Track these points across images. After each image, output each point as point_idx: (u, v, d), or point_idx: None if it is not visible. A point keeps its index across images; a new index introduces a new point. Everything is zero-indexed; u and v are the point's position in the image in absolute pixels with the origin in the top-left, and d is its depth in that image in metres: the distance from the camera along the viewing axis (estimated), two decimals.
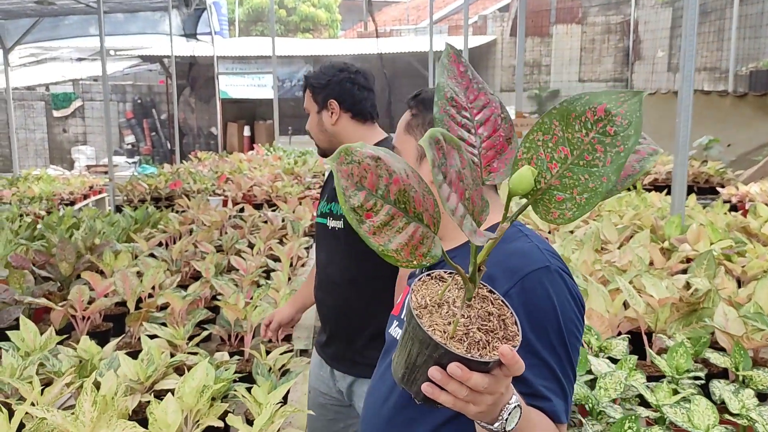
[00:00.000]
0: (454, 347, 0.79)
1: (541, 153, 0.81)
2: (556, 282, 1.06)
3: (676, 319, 2.18)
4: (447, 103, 0.90)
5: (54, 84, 16.39)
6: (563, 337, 1.04)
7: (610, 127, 0.76)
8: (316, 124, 2.09)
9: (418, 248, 0.79)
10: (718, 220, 3.82)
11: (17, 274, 3.13)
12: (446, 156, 0.78)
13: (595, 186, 0.77)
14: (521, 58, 6.98)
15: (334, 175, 0.78)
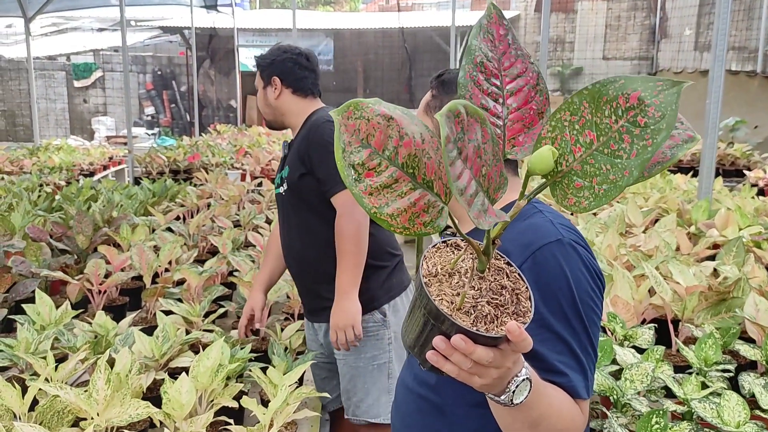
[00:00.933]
0: (459, 319, 0.77)
1: (567, 134, 0.77)
2: (569, 254, 1.02)
3: (705, 308, 2.11)
4: (475, 68, 0.84)
5: (75, 54, 16.40)
6: (578, 311, 1.00)
7: (641, 118, 0.71)
8: (262, 98, 2.34)
9: (419, 216, 0.75)
10: (746, 205, 3.72)
11: (34, 246, 3.12)
12: (466, 130, 0.72)
13: (615, 178, 0.73)
14: (546, 35, 6.82)
15: (335, 128, 0.74)
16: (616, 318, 2.02)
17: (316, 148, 2.10)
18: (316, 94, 2.32)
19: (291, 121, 2.30)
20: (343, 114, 0.74)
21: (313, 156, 2.11)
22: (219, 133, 10.57)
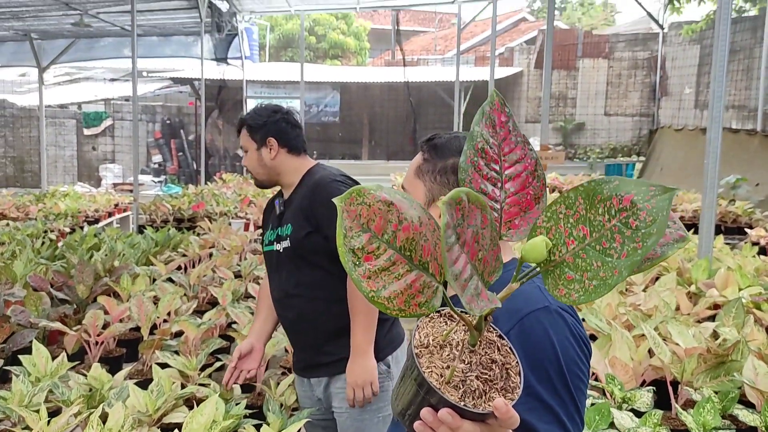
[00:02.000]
0: (448, 393, 0.77)
1: (561, 226, 0.78)
2: (556, 322, 1.03)
3: (703, 370, 2.10)
4: (476, 154, 0.87)
5: (86, 103, 16.70)
6: (565, 379, 1.00)
7: (633, 220, 0.73)
8: (256, 160, 2.31)
9: (415, 297, 0.77)
10: (746, 264, 3.71)
11: (35, 296, 3.13)
12: (466, 216, 0.74)
13: (605, 276, 0.74)
14: (547, 91, 6.95)
15: (338, 215, 0.76)
16: (614, 380, 2.01)
17: (324, 206, 2.10)
18: (306, 152, 2.36)
19: (287, 179, 2.30)
20: (345, 201, 0.76)
21: (322, 214, 2.10)
22: (224, 182, 10.67)
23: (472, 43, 22.35)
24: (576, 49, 15.94)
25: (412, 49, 25.08)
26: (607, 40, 16.25)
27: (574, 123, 15.95)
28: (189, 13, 11.39)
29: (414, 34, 28.22)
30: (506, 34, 23.21)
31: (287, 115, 2.32)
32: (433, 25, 26.98)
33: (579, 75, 15.98)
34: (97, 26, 11.82)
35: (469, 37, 22.15)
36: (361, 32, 25.15)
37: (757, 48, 11.58)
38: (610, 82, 15.92)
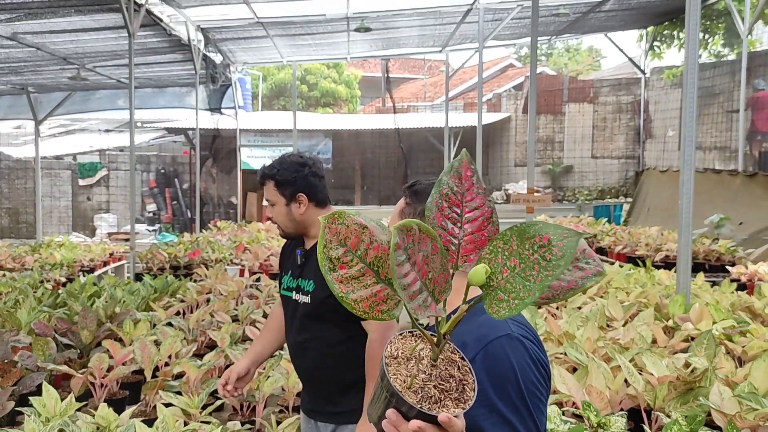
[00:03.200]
0: (407, 396, 0.92)
1: (499, 258, 0.95)
2: (516, 348, 1.16)
3: (674, 397, 2.25)
4: (441, 198, 1.04)
5: (81, 154, 16.93)
6: (524, 398, 1.13)
7: (548, 254, 0.91)
8: (285, 214, 2.30)
9: (379, 305, 0.95)
10: (723, 300, 3.88)
11: (41, 342, 3.26)
12: (416, 242, 0.92)
13: (524, 296, 0.92)
14: (532, 137, 7.19)
15: (321, 229, 0.94)
16: (590, 406, 2.15)
17: None
18: (329, 200, 2.36)
19: (314, 232, 2.31)
20: (329, 220, 0.95)
21: None
22: (219, 230, 10.82)
23: (460, 90, 22.84)
24: (562, 94, 16.37)
25: (402, 96, 25.60)
26: (591, 85, 16.72)
27: (563, 166, 16.28)
28: (184, 66, 11.72)
29: (404, 81, 28.81)
30: (494, 80, 23.75)
31: (314, 167, 2.31)
32: (423, 72, 27.59)
33: (565, 119, 16.38)
34: (93, 79, 12.13)
35: (458, 83, 22.67)
36: (352, 80, 25.66)
37: (736, 91, 11.96)
38: (595, 126, 16.32)
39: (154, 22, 8.90)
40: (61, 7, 7.62)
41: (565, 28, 12.61)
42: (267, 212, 2.37)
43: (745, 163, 11.27)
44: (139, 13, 7.74)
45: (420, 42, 13.09)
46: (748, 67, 11.32)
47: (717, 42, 13.66)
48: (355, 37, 11.52)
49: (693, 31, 3.91)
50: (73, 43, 9.57)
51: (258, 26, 10.34)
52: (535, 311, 3.47)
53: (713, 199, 10.51)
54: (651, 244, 7.81)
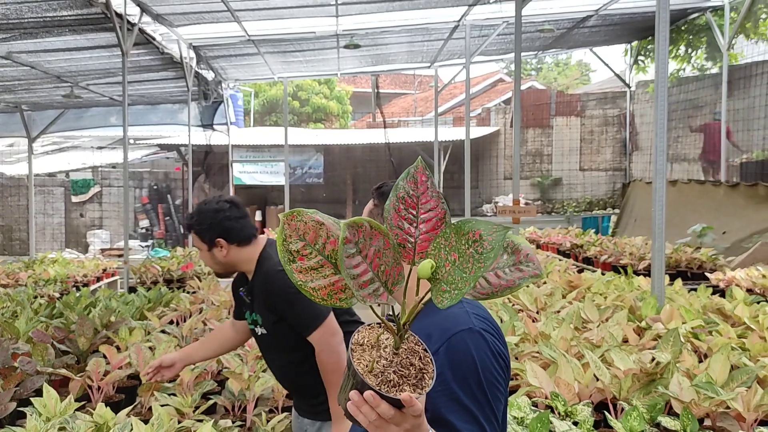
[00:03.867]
0: (368, 378, 1.01)
1: (443, 254, 1.05)
2: (477, 341, 1.26)
3: (638, 388, 2.40)
4: (398, 201, 1.13)
5: (74, 171, 17.05)
6: (483, 388, 1.22)
7: (480, 248, 1.01)
8: (210, 259, 2.46)
9: (337, 293, 1.05)
10: (696, 303, 4.05)
11: (40, 348, 3.39)
12: (367, 237, 1.03)
13: (461, 287, 1.02)
14: (518, 150, 7.39)
15: (279, 226, 1.04)
16: (558, 396, 2.31)
17: (279, 299, 2.32)
18: (256, 234, 2.47)
19: (244, 268, 2.46)
20: (287, 217, 1.04)
21: (279, 306, 2.33)
22: None
23: (450, 105, 23.11)
24: (549, 108, 16.63)
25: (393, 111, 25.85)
26: (578, 98, 16.99)
27: (551, 178, 16.51)
28: (176, 83, 11.89)
29: (395, 96, 29.10)
30: (484, 94, 24.05)
31: (230, 210, 2.41)
32: (413, 87, 27.89)
33: (553, 132, 16.63)
34: (87, 97, 12.29)
35: (448, 98, 22.94)
36: (343, 96, 25.92)
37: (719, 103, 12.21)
38: (583, 139, 16.57)
39: (146, 41, 9.09)
40: (55, 26, 7.79)
41: (551, 44, 12.88)
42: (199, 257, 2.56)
43: (727, 173, 11.51)
44: (132, 32, 7.92)
45: (409, 58, 13.32)
46: (729, 80, 11.60)
47: (701, 56, 13.93)
48: (345, 54, 11.74)
49: (662, 48, 4.11)
50: (67, 62, 9.74)
51: (249, 44, 10.55)
52: (514, 314, 3.63)
53: (698, 209, 10.73)
54: (635, 253, 7.99)
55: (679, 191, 11.56)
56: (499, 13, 10.09)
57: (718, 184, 10.80)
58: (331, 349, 2.28)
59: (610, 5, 10.23)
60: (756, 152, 11.50)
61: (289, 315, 2.32)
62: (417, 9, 9.52)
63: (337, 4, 8.66)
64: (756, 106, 11.79)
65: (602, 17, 11.12)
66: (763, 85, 11.74)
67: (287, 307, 2.31)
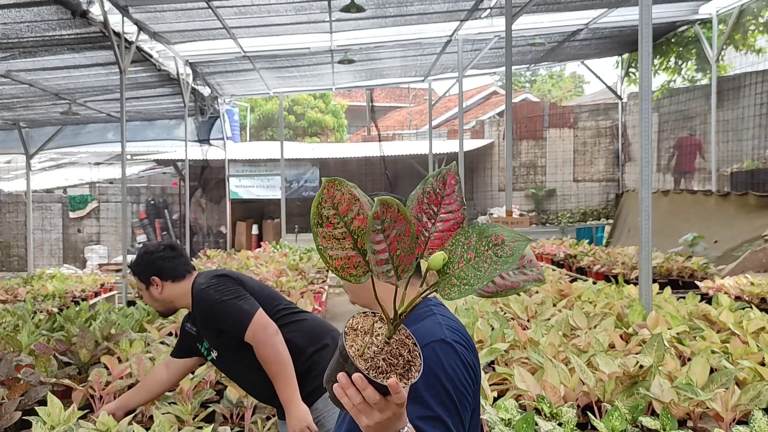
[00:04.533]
0: (358, 362, 1.06)
1: (459, 250, 1.10)
2: (448, 351, 1.31)
3: (621, 390, 2.50)
4: (423, 194, 1.17)
5: (72, 187, 17.14)
6: (452, 396, 1.27)
7: (500, 252, 1.07)
8: (149, 297, 2.71)
9: (349, 268, 1.10)
10: (683, 309, 4.15)
11: (42, 359, 3.47)
12: (394, 219, 1.07)
13: (473, 283, 1.07)
14: (509, 162, 7.52)
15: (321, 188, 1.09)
16: (543, 398, 2.41)
17: (209, 313, 2.53)
18: (191, 270, 2.69)
19: (182, 304, 2.68)
20: (329, 183, 1.08)
21: (212, 320, 2.54)
22: (209, 258, 11.01)
23: (445, 118, 23.28)
24: (542, 120, 16.81)
25: (388, 124, 26.03)
26: (571, 110, 17.18)
27: (545, 190, 16.65)
28: (173, 99, 12.03)
29: (390, 109, 29.30)
30: (478, 107, 24.25)
31: (164, 251, 2.67)
32: (408, 101, 28.09)
33: (546, 144, 16.80)
34: (84, 113, 12.40)
35: (443, 111, 23.13)
36: (338, 110, 26.11)
37: (709, 114, 12.38)
38: (576, 150, 16.74)
39: (144, 58, 9.22)
40: (54, 45, 7.92)
41: (543, 57, 13.06)
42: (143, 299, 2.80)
43: (718, 183, 11.65)
44: (129, 50, 8.05)
45: (403, 72, 13.50)
46: (719, 91, 11.78)
47: (691, 68, 14.11)
48: (340, 69, 11.89)
49: (645, 62, 4.24)
50: (65, 80, 9.87)
51: (245, 60, 10.70)
52: (504, 322, 3.73)
53: (689, 219, 10.87)
54: (627, 263, 8.09)
55: (671, 201, 11.70)
56: (490, 27, 10.27)
57: (710, 193, 10.94)
58: (266, 342, 2.44)
59: (599, 19, 10.41)
60: (746, 162, 11.66)
61: (222, 324, 2.51)
62: (410, 24, 9.69)
63: (331, 21, 8.82)
64: (745, 116, 11.97)
65: (592, 31, 11.31)
66: (753, 95, 11.93)
67: (218, 317, 2.51)
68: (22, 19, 6.82)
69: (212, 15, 8.01)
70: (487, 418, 2.38)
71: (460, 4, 8.85)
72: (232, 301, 2.51)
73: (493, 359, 3.20)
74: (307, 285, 7.20)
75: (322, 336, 2.65)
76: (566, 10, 9.84)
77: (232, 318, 2.48)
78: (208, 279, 2.59)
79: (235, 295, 2.53)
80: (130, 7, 7.56)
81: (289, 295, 6.07)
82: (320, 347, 2.61)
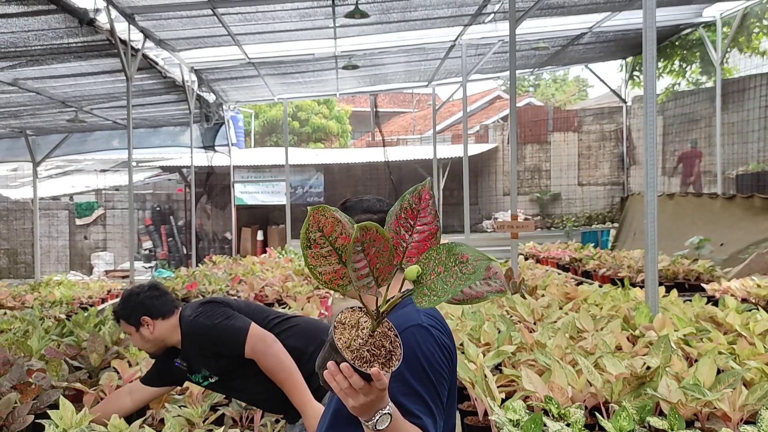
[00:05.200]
0: (345, 353, 1.20)
1: (431, 264, 1.24)
2: (424, 335, 1.47)
3: (629, 391, 2.51)
4: (401, 210, 1.32)
5: (78, 194, 17.22)
6: (429, 375, 1.43)
7: (464, 269, 1.20)
8: (140, 340, 2.67)
9: (337, 280, 1.25)
10: (689, 311, 4.16)
11: (54, 363, 3.50)
12: (372, 239, 1.22)
13: (441, 295, 1.21)
14: (514, 166, 7.53)
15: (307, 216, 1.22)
16: (551, 400, 2.42)
17: (204, 340, 2.57)
18: (177, 306, 2.73)
19: (172, 340, 2.69)
20: (314, 210, 1.23)
21: (208, 345, 2.57)
22: (215, 264, 11.06)
23: (449, 122, 23.32)
24: (547, 124, 16.82)
25: (392, 129, 26.09)
26: (575, 114, 17.18)
27: (550, 194, 16.65)
28: (178, 106, 12.09)
29: (394, 115, 29.36)
30: (482, 111, 24.28)
31: (149, 290, 2.69)
32: (412, 106, 28.13)
33: (551, 148, 16.80)
34: (91, 121, 12.48)
35: (447, 116, 23.17)
36: (342, 116, 26.16)
37: (714, 117, 12.38)
38: (581, 154, 16.74)
39: (149, 66, 9.28)
40: (61, 53, 7.98)
41: (546, 61, 13.08)
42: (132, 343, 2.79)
43: (724, 186, 11.65)
44: (135, 57, 8.11)
45: (407, 77, 13.54)
46: (724, 94, 11.78)
47: (695, 71, 14.12)
48: (344, 74, 11.94)
49: (650, 65, 4.26)
50: (72, 87, 9.94)
51: (249, 66, 10.75)
52: (511, 325, 3.75)
53: (695, 221, 10.85)
54: (633, 266, 8.10)
55: (676, 204, 11.69)
56: (494, 32, 10.30)
57: (715, 196, 10.93)
58: (266, 351, 2.48)
59: (603, 22, 10.43)
60: (752, 164, 11.65)
61: (219, 347, 2.54)
62: (414, 29, 9.73)
63: (336, 27, 8.87)
64: (751, 118, 11.97)
65: (596, 34, 11.33)
66: (758, 98, 11.93)
67: (214, 342, 2.54)
68: (29, 28, 6.88)
69: (217, 22, 8.06)
70: (495, 419, 2.40)
71: (464, 9, 8.89)
72: (223, 323, 2.55)
73: (501, 361, 3.22)
74: (312, 290, 7.23)
75: (319, 333, 2.70)
76: (570, 14, 9.87)
77: (227, 338, 2.52)
78: (194, 309, 2.64)
79: (225, 317, 2.57)
80: (136, 15, 7.62)
81: (296, 300, 6.10)
82: (320, 344, 2.63)
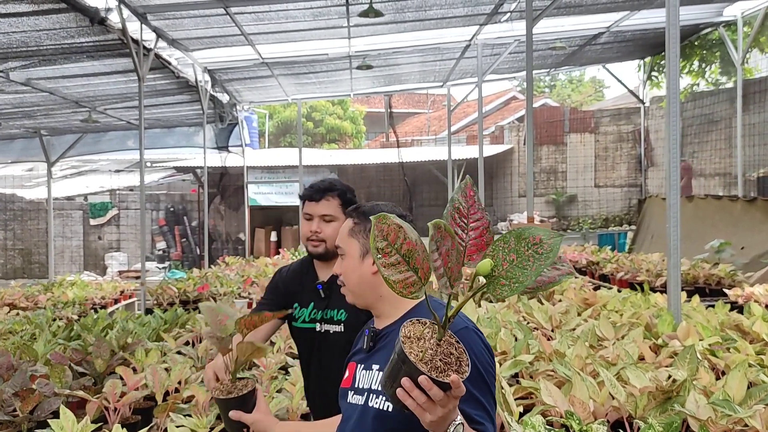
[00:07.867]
0: (421, 366, 1.19)
1: (501, 254, 1.25)
2: (473, 338, 1.48)
3: (654, 406, 2.38)
4: (453, 210, 1.34)
5: (92, 194, 17.26)
6: (484, 377, 1.44)
7: (540, 249, 1.22)
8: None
9: (408, 287, 1.26)
10: (713, 319, 4.00)
11: (58, 369, 3.42)
12: (443, 237, 1.23)
13: (522, 280, 1.22)
14: (531, 168, 7.40)
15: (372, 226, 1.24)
16: (573, 415, 2.29)
17: None
18: None
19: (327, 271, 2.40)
20: (378, 219, 1.26)
21: None
22: (228, 265, 11.00)
23: (463, 123, 23.16)
24: (563, 125, 16.62)
25: (407, 130, 25.95)
26: (592, 115, 16.96)
27: (566, 195, 16.44)
28: (192, 106, 12.05)
29: (409, 115, 29.23)
30: (498, 112, 24.10)
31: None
32: (426, 107, 28.00)
33: (567, 149, 16.60)
34: (104, 121, 12.48)
35: (461, 116, 23.01)
36: (357, 116, 26.07)
37: (734, 118, 12.15)
38: (597, 155, 16.52)
39: (162, 65, 9.23)
40: (74, 53, 7.95)
41: (563, 61, 12.91)
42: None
43: (744, 188, 11.41)
44: (148, 57, 8.06)
45: (421, 77, 13.41)
46: (744, 95, 11.54)
47: (715, 71, 13.87)
48: (358, 75, 11.84)
49: (673, 65, 4.11)
50: (85, 87, 9.92)
51: (263, 66, 10.68)
52: (528, 332, 3.61)
53: (715, 224, 10.63)
54: (652, 270, 7.91)
55: (696, 206, 11.47)
56: (510, 31, 10.15)
57: (735, 199, 10.70)
58: None
59: (621, 22, 10.25)
60: None
61: None
62: (429, 29, 9.61)
63: (349, 26, 8.76)
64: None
65: (614, 34, 11.14)
66: None
67: None
68: (41, 27, 6.84)
69: (230, 22, 7.98)
70: None
71: (480, 8, 8.75)
72: None
73: (518, 371, 3.09)
74: None
75: None
76: (588, 13, 9.70)
77: None
78: None
79: None
80: (148, 14, 7.56)
81: None
82: None
